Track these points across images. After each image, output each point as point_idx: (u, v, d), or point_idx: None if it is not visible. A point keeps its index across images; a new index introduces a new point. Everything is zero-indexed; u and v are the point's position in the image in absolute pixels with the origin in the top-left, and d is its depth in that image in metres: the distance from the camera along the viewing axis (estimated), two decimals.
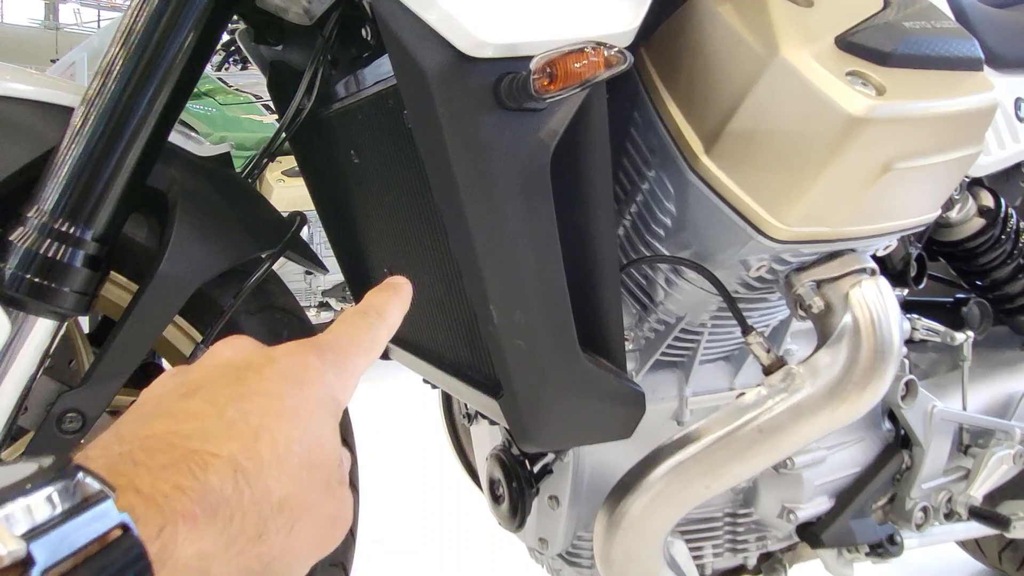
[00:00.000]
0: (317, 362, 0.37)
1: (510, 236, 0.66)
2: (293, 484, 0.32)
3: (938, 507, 1.07)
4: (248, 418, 0.32)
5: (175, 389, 0.34)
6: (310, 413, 0.34)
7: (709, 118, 0.69)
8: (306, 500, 0.33)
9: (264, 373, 0.35)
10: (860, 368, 0.72)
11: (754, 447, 0.75)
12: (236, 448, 0.31)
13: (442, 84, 0.62)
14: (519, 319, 0.68)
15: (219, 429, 0.31)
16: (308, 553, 0.34)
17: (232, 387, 0.34)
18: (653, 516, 0.80)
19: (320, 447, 0.34)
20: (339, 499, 0.35)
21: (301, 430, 0.34)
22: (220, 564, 0.29)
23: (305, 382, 0.35)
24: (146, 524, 0.27)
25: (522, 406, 0.71)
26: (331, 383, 0.37)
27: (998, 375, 1.22)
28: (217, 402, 0.33)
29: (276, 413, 0.33)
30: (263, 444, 0.32)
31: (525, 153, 0.64)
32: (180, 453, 0.30)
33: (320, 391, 0.36)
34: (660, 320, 0.85)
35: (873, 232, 0.72)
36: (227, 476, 0.30)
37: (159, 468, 0.29)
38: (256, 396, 0.34)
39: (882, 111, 0.62)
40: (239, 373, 0.35)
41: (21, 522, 0.24)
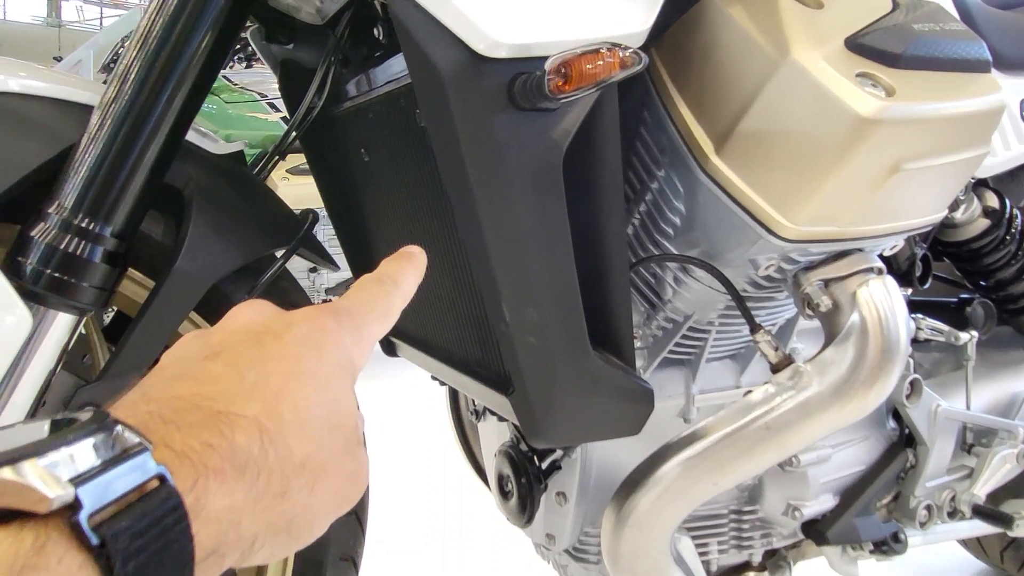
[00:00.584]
0: (334, 325, 0.38)
1: (522, 234, 0.66)
2: (314, 444, 0.33)
3: (942, 505, 1.08)
4: (269, 381, 0.33)
5: (198, 352, 0.35)
6: (328, 376, 0.35)
7: (720, 118, 0.69)
8: (326, 460, 0.34)
9: (283, 337, 0.36)
10: (867, 366, 0.72)
11: (761, 444, 0.76)
12: (259, 409, 0.32)
13: (456, 84, 0.62)
14: (531, 317, 0.69)
15: (242, 391, 0.32)
16: (328, 510, 0.35)
17: (252, 350, 0.35)
18: (661, 512, 0.81)
19: (338, 409, 0.35)
20: (357, 459, 0.36)
21: (320, 392, 0.35)
22: (248, 518, 0.31)
23: (323, 346, 0.36)
24: (180, 477, 0.28)
25: (533, 403, 0.72)
26: (347, 346, 0.37)
27: (1002, 375, 1.23)
28: (239, 365, 0.34)
29: (296, 376, 0.34)
30: (284, 406, 0.33)
31: (538, 153, 0.65)
32: (207, 414, 0.31)
33: (337, 355, 0.37)
34: (668, 318, 0.86)
35: (881, 232, 0.73)
36: (253, 436, 0.31)
37: (188, 426, 0.30)
38: (276, 360, 0.34)
39: (892, 112, 0.62)
40: (259, 337, 0.36)
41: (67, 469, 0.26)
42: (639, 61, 0.57)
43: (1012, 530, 1.04)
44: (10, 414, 0.61)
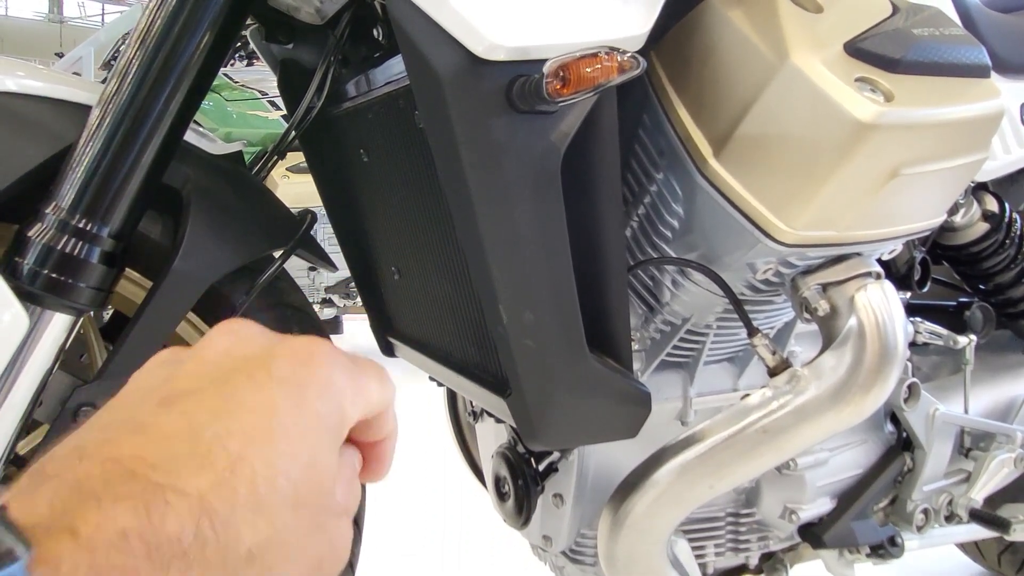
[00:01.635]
0: (327, 359, 0.32)
1: (520, 237, 0.66)
2: (271, 527, 0.28)
3: (939, 509, 1.08)
4: (229, 442, 0.28)
5: (158, 388, 0.31)
6: (305, 432, 0.30)
7: (718, 122, 0.69)
8: (286, 544, 0.29)
9: (257, 377, 0.30)
10: (865, 371, 0.72)
11: (758, 448, 0.76)
12: (207, 484, 0.27)
13: (455, 86, 0.62)
14: (528, 319, 0.69)
15: (192, 458, 0.27)
16: None
17: (216, 398, 0.30)
18: (657, 515, 0.81)
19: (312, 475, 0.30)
20: (331, 537, 0.30)
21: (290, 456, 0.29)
22: None
23: (306, 389, 0.31)
24: None
25: (530, 405, 0.72)
26: (339, 389, 0.32)
27: (1000, 379, 1.23)
28: (196, 418, 0.29)
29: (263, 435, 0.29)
30: (240, 478, 0.28)
31: (536, 155, 0.65)
32: (142, 486, 0.26)
33: (322, 402, 0.31)
34: (666, 321, 0.86)
35: (880, 236, 0.73)
36: (189, 521, 0.26)
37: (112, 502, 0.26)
38: (242, 411, 0.29)
39: (890, 117, 0.62)
40: (230, 376, 0.30)
41: None
42: (637, 65, 0.57)
43: (1009, 534, 1.04)
44: (7, 414, 0.61)
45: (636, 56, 0.57)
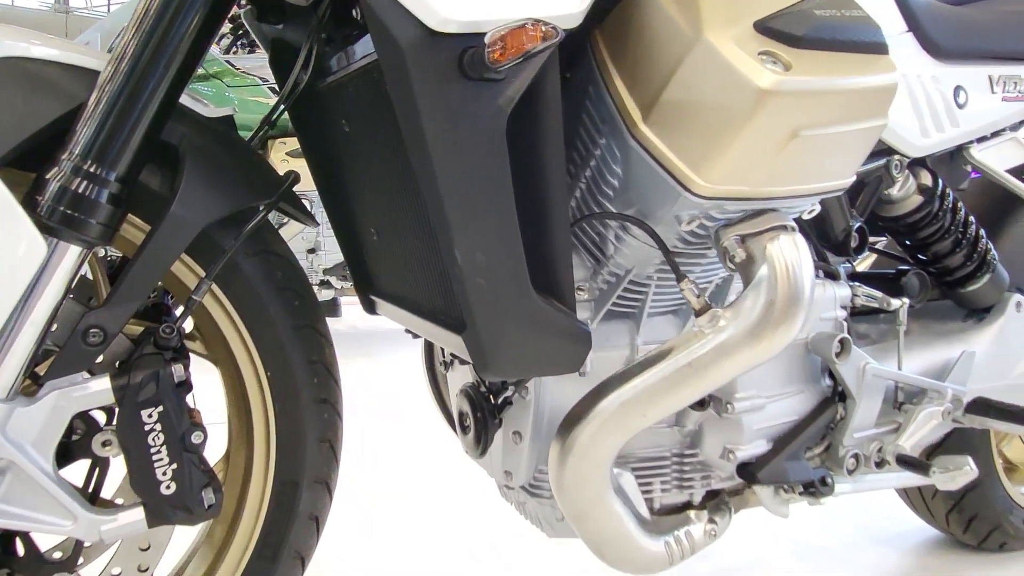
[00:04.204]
0: None
1: (471, 188, 0.76)
2: None
3: (869, 455, 1.17)
4: None
5: None
6: None
7: (647, 90, 0.79)
8: None
9: None
10: (775, 311, 0.82)
11: (686, 380, 0.86)
12: None
13: (413, 56, 0.72)
14: (480, 260, 0.79)
15: None
16: None
17: None
18: (599, 443, 0.91)
19: None
20: None
21: None
22: None
23: None
24: None
25: (482, 338, 0.82)
26: None
27: (939, 342, 1.33)
28: None
29: None
30: None
31: (485, 117, 0.75)
32: None
33: None
34: (611, 272, 0.96)
35: (791, 193, 0.83)
36: None
37: None
38: None
39: (787, 85, 0.72)
40: None
41: None
42: (556, 34, 0.67)
43: (929, 476, 1.14)
44: (27, 331, 0.71)
45: (556, 27, 0.67)
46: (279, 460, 0.91)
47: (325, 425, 0.94)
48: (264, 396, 0.90)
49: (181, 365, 0.79)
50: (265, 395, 0.90)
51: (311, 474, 0.93)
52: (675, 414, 1.09)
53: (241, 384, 0.90)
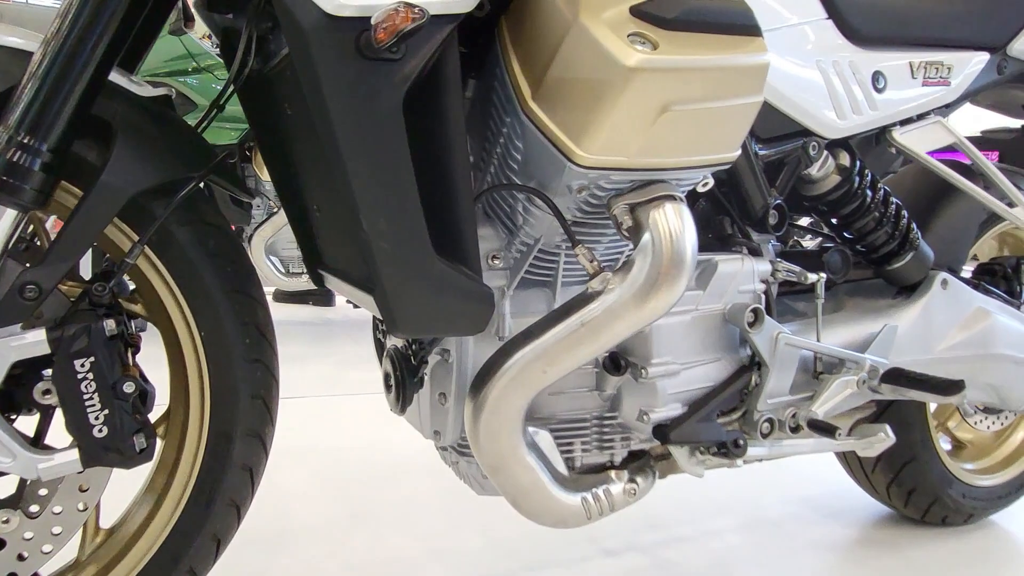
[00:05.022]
0: None
1: (373, 159, 0.84)
2: None
3: (784, 421, 1.24)
4: None
5: None
6: None
7: (536, 69, 0.86)
8: None
9: None
10: (658, 275, 0.89)
11: (580, 339, 0.93)
12: None
13: (315, 38, 0.80)
14: (383, 225, 0.87)
15: None
16: None
17: None
18: (507, 399, 0.98)
19: None
20: None
21: None
22: None
23: None
24: None
25: (388, 298, 0.90)
26: None
27: (865, 317, 1.39)
28: None
29: None
30: None
31: (383, 94, 0.82)
32: None
33: None
34: (523, 242, 1.03)
35: (674, 165, 0.89)
36: None
37: None
38: None
39: (652, 63, 0.79)
40: None
41: None
42: (423, 16, 0.74)
43: (835, 439, 1.20)
44: None
45: (422, 8, 0.74)
46: (213, 413, 0.99)
47: (258, 382, 1.01)
48: (198, 354, 0.98)
49: (113, 321, 0.87)
50: (199, 353, 0.98)
51: (244, 427, 1.01)
52: (596, 379, 1.16)
53: (177, 343, 0.98)
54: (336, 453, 2.09)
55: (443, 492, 1.83)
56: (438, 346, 1.10)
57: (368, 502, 1.76)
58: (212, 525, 1.01)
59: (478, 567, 1.48)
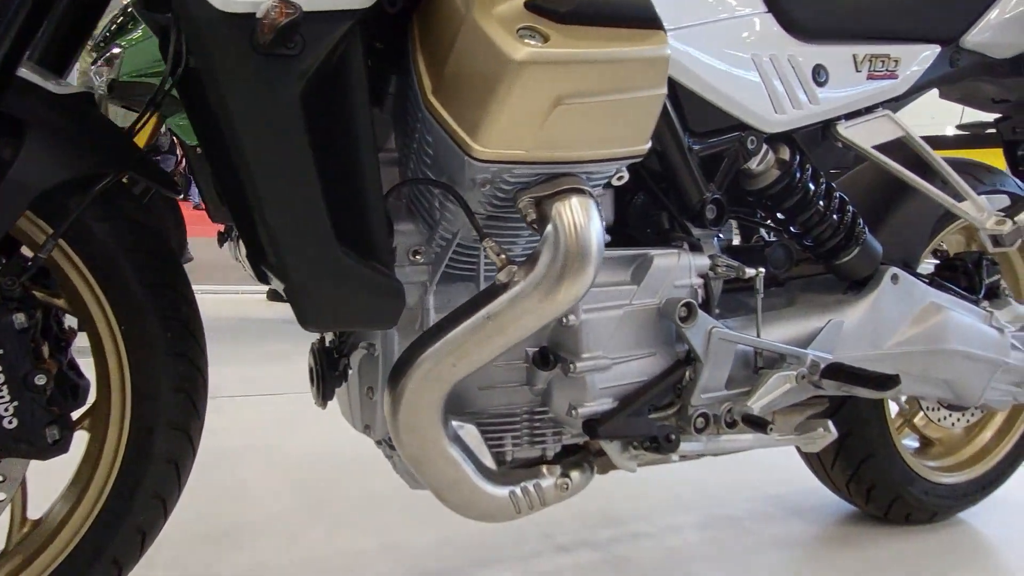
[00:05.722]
0: None
1: (272, 153, 0.85)
2: None
3: (720, 416, 1.24)
4: None
5: None
6: None
7: (435, 64, 0.87)
8: None
9: None
10: (562, 268, 0.90)
11: (487, 333, 0.93)
12: None
13: (210, 35, 0.81)
14: (286, 219, 0.88)
15: None
16: None
17: None
18: (422, 392, 0.99)
19: None
20: None
21: None
22: None
23: None
24: None
25: (296, 293, 0.91)
26: None
27: (811, 312, 1.38)
28: None
29: None
30: None
31: (281, 89, 0.83)
32: None
33: None
34: (442, 236, 1.03)
35: (578, 158, 0.89)
36: None
37: None
38: None
39: (541, 56, 0.79)
40: None
41: None
42: (295, 12, 0.75)
43: (767, 433, 1.20)
44: None
45: (294, 3, 0.75)
46: (134, 406, 1.00)
47: (181, 376, 1.03)
48: (118, 348, 0.99)
49: (24, 314, 0.88)
50: (119, 347, 0.99)
51: (166, 421, 1.02)
52: (526, 373, 1.16)
53: (99, 336, 1.00)
54: (302, 448, 2.10)
55: (400, 487, 1.84)
56: (364, 340, 1.11)
57: (327, 497, 1.77)
58: (135, 518, 1.02)
59: (429, 561, 1.49)
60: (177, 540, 1.53)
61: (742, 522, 1.72)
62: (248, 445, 2.10)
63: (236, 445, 2.10)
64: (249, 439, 2.15)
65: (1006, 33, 1.48)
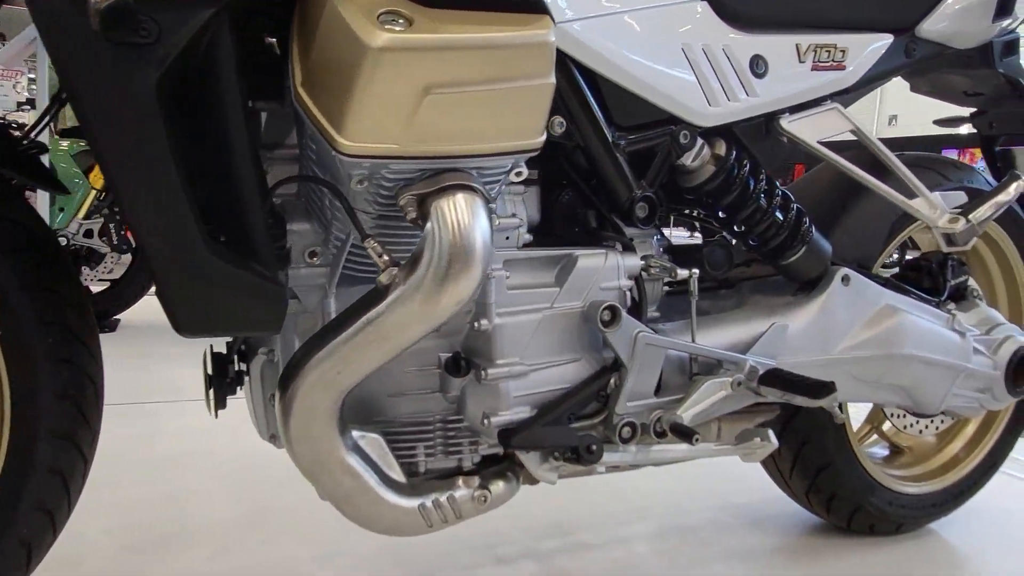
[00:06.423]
0: None
1: (129, 148, 0.80)
2: None
3: (649, 424, 1.17)
4: None
5: None
6: None
7: (304, 54, 0.82)
8: None
9: None
10: (444, 269, 0.84)
11: (368, 339, 0.88)
12: None
13: (55, 22, 0.76)
14: (149, 219, 0.82)
15: None
16: None
17: None
18: (310, 400, 0.93)
19: None
20: None
21: None
22: None
23: None
24: None
25: (166, 297, 0.86)
26: None
27: (755, 315, 1.32)
28: None
29: None
30: None
31: (134, 79, 0.78)
32: None
33: None
34: (336, 237, 0.98)
35: (461, 152, 0.84)
36: None
37: None
38: None
39: (402, 42, 0.74)
40: None
41: None
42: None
43: (692, 444, 1.13)
44: None
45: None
46: (15, 413, 0.96)
47: (66, 383, 0.98)
48: None
49: None
50: None
51: (49, 429, 0.97)
52: (439, 380, 1.11)
53: None
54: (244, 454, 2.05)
55: None
56: (264, 345, 1.06)
57: (267, 505, 1.72)
58: (19, 530, 0.98)
59: (360, 572, 1.44)
60: (107, 550, 1.49)
61: (698, 533, 1.66)
62: (192, 451, 2.05)
63: (179, 451, 2.05)
64: (193, 445, 2.10)
65: (965, 21, 1.40)
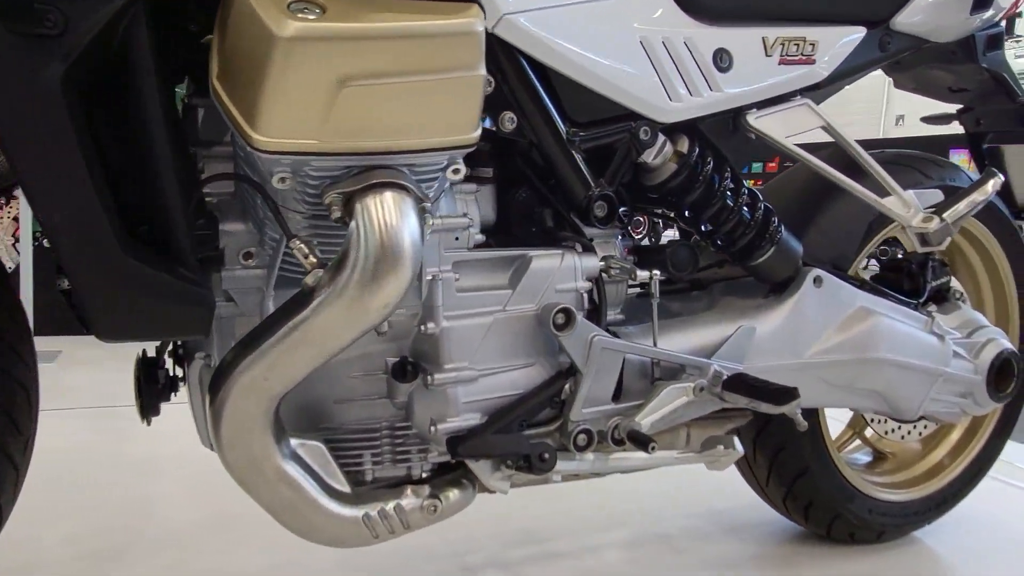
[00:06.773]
0: None
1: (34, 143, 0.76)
2: None
3: (607, 432, 1.13)
4: None
5: None
6: None
7: (219, 47, 0.78)
8: None
9: None
10: (371, 270, 0.80)
11: (294, 344, 0.84)
12: None
13: None
14: (60, 220, 0.79)
15: None
16: None
17: None
18: (240, 407, 0.89)
19: None
20: None
21: None
22: None
23: None
24: None
25: (80, 299, 0.82)
26: None
27: (723, 318, 1.27)
28: None
29: None
30: None
31: (39, 72, 0.74)
32: None
33: None
34: (271, 237, 0.94)
35: (387, 148, 0.79)
36: None
37: None
38: None
39: (313, 31, 0.70)
40: None
41: None
42: None
43: (648, 452, 1.09)
44: None
45: None
46: None
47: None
48: None
49: None
50: None
51: None
52: (387, 385, 1.07)
53: None
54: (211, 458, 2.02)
55: None
56: (201, 349, 1.02)
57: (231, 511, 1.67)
58: None
59: None
60: (62, 557, 1.46)
61: (673, 541, 1.61)
62: (160, 455, 2.02)
63: (148, 455, 2.02)
64: (162, 448, 2.06)
65: (942, 14, 1.36)
